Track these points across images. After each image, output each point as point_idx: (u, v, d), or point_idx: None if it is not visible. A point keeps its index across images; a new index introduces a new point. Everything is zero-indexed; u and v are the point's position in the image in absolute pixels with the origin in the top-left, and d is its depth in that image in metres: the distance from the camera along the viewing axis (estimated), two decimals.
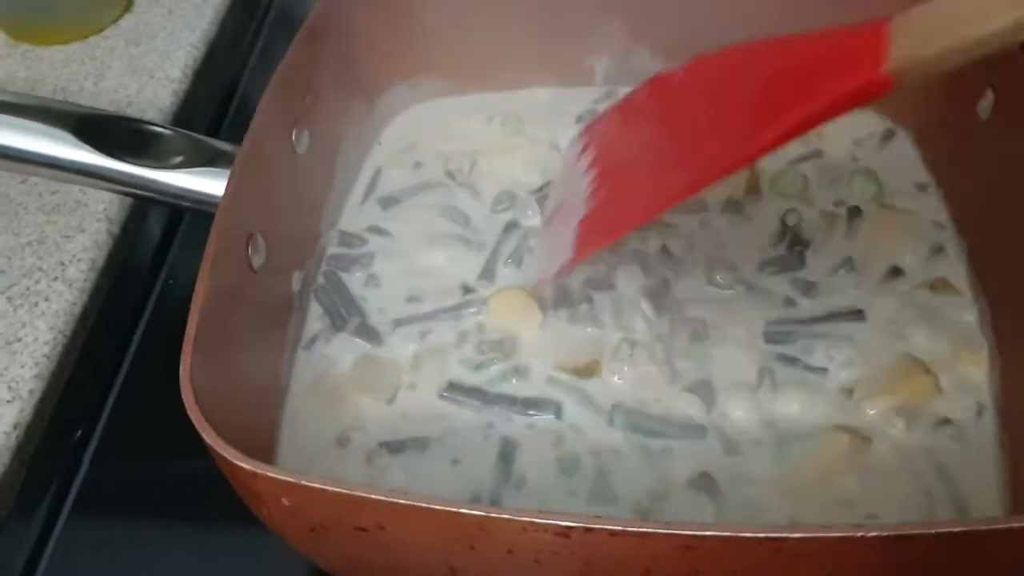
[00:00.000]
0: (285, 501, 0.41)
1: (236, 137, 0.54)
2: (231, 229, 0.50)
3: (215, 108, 0.78)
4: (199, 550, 0.53)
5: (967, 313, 0.56)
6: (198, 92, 0.77)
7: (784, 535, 0.36)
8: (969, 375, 0.53)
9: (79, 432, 0.58)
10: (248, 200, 0.52)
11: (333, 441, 0.53)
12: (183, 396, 0.42)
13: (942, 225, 0.60)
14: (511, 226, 0.62)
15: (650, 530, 0.37)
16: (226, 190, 0.51)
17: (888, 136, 0.66)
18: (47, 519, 0.55)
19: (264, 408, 0.53)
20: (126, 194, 0.55)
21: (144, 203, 0.64)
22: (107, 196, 0.66)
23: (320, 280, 0.60)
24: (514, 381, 0.54)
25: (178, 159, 0.55)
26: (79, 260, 0.63)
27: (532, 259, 0.59)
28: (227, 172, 0.52)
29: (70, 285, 0.62)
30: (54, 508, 0.55)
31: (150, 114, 0.73)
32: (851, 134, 0.65)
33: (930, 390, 0.52)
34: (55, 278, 0.62)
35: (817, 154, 0.64)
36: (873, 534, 0.36)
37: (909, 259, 0.58)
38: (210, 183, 0.54)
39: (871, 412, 0.52)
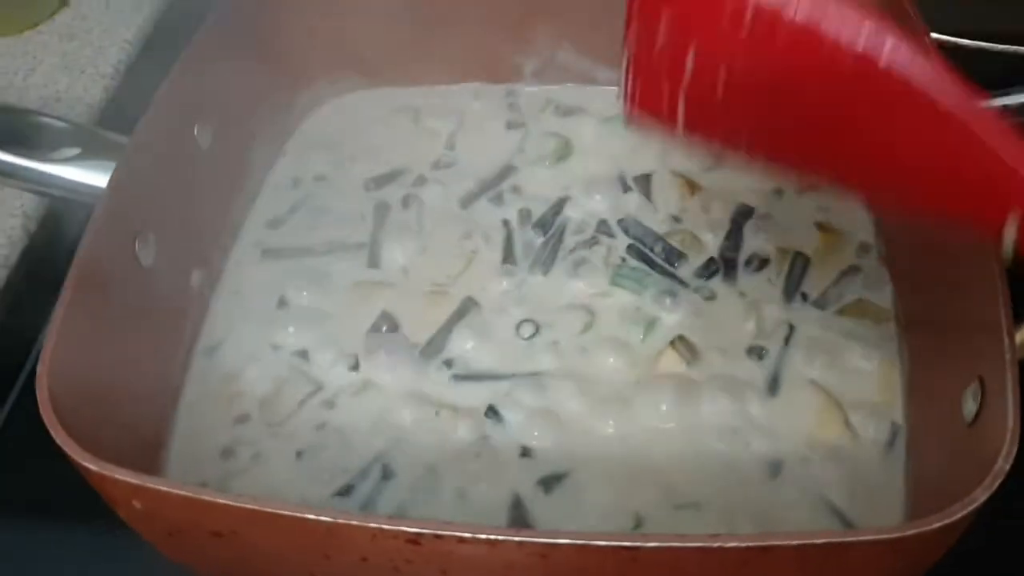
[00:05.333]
0: (136, 504, 0.39)
1: None
2: (114, 222, 0.48)
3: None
4: (66, 555, 0.51)
5: (883, 330, 0.52)
6: (130, 89, 0.75)
7: (639, 544, 0.34)
8: (883, 401, 0.50)
9: None
10: (138, 193, 0.50)
11: (219, 451, 0.51)
12: (37, 390, 0.41)
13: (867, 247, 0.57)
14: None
15: (501, 538, 0.35)
16: (110, 181, 0.49)
17: None
18: None
19: (150, 411, 0.51)
20: (16, 187, 0.53)
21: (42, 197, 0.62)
22: (25, 193, 0.64)
23: None
24: None
25: (72, 152, 0.53)
26: None
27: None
28: None
29: None
30: None
31: (78, 110, 0.71)
32: None
33: (842, 428, 0.49)
34: None
35: None
36: (731, 544, 0.34)
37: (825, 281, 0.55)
38: (103, 176, 0.52)
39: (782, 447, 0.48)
